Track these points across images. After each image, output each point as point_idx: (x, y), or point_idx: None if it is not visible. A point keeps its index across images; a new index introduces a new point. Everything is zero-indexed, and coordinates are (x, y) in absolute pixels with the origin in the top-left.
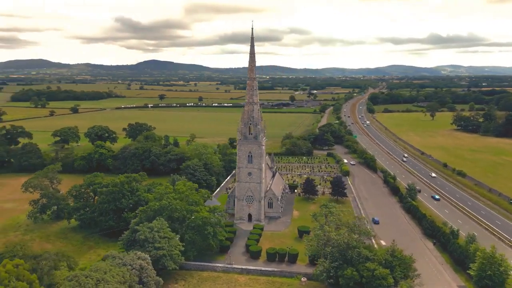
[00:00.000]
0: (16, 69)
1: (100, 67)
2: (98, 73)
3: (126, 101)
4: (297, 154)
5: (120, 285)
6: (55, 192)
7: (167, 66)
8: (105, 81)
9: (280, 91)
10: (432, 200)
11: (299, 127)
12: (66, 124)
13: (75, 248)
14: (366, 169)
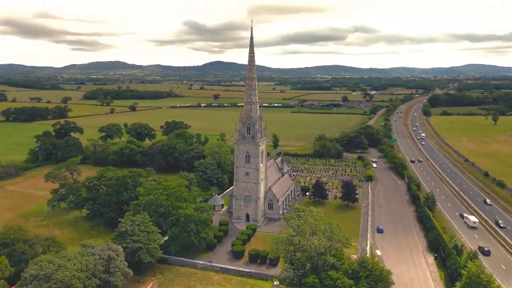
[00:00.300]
0: (96, 70)
1: (169, 68)
2: (167, 74)
3: (183, 100)
4: (325, 157)
5: (79, 273)
6: (72, 183)
7: (230, 67)
8: (172, 81)
9: (337, 91)
10: (454, 210)
11: (340, 128)
12: (122, 121)
13: (80, 235)
14: (393, 175)
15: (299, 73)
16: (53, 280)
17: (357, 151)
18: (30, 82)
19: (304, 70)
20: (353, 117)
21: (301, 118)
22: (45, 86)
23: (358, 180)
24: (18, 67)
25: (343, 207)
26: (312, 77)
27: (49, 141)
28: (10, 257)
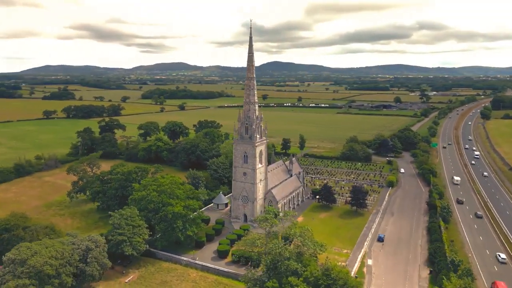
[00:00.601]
0: (161, 71)
1: (228, 69)
2: (226, 75)
3: (233, 100)
4: (353, 160)
5: (52, 260)
6: (89, 176)
7: (288, 67)
8: (229, 81)
9: (394, 92)
10: (473, 220)
11: (382, 130)
12: (169, 119)
13: (87, 226)
14: (420, 182)
15: (359, 73)
16: (27, 265)
17: (389, 155)
18: (99, 82)
19: (364, 70)
20: (400, 119)
21: (343, 119)
22: (112, 86)
23: (378, 185)
24: (92, 68)
25: (350, 213)
26: (372, 77)
27: (88, 136)
28: (9, 242)
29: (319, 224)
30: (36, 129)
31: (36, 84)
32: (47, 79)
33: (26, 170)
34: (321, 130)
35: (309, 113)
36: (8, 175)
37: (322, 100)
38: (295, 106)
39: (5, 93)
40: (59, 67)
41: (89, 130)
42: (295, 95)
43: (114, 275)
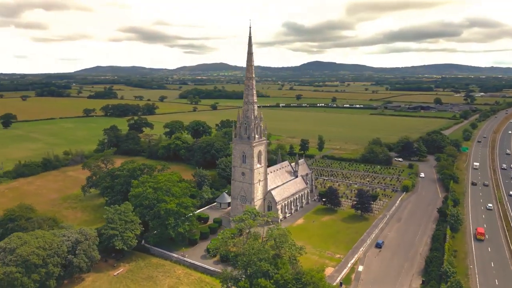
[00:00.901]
0: (202, 72)
1: (267, 69)
2: (265, 75)
3: (267, 100)
4: (372, 162)
5: (39, 250)
6: (102, 172)
7: (329, 67)
8: (268, 82)
9: (438, 92)
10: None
11: (412, 133)
12: (200, 118)
13: (94, 219)
14: (439, 187)
15: (404, 73)
16: (15, 254)
17: (412, 158)
18: (142, 82)
19: (410, 70)
20: (436, 122)
21: (375, 121)
22: (153, 86)
23: (392, 189)
24: (139, 69)
25: (354, 217)
26: (418, 77)
27: (114, 134)
28: (13, 231)
29: (319, 227)
30: (74, 126)
31: (86, 84)
32: (96, 79)
33: (53, 164)
34: (348, 131)
35: (341, 114)
36: (35, 169)
37: (359, 101)
38: (328, 106)
39: (55, 92)
40: (109, 67)
41: (115, 128)
42: (330, 95)
43: (105, 268)
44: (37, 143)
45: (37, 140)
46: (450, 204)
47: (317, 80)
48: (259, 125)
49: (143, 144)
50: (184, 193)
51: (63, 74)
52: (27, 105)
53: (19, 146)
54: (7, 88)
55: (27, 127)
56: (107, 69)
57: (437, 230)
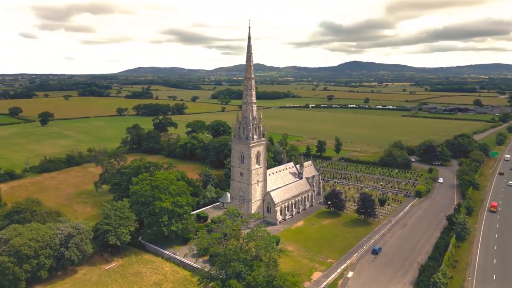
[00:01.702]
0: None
1: (304, 69)
2: (301, 75)
3: (298, 101)
4: (390, 166)
5: (32, 242)
6: (113, 169)
7: (367, 67)
8: (303, 82)
9: (481, 93)
10: (496, 240)
11: (442, 136)
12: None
13: (100, 214)
14: (457, 194)
15: (448, 73)
16: (9, 244)
17: (434, 163)
18: (179, 83)
19: (454, 70)
20: (472, 124)
21: (405, 122)
22: (189, 86)
23: (404, 194)
24: (178, 70)
25: (357, 221)
26: (463, 77)
27: (136, 132)
28: (19, 223)
29: (317, 230)
30: (105, 124)
31: (126, 84)
32: (136, 80)
33: (76, 161)
34: (374, 133)
35: (371, 115)
36: (59, 165)
37: (393, 102)
38: (360, 107)
39: (96, 92)
40: (150, 68)
41: (138, 126)
42: (364, 96)
43: (99, 262)
44: (68, 140)
45: (69, 137)
46: (463, 211)
47: (354, 81)
48: (258, 126)
49: (163, 143)
50: (181, 191)
51: (106, 75)
52: (68, 104)
53: (52, 142)
54: (54, 88)
55: (63, 124)
56: (148, 70)
57: (440, 238)
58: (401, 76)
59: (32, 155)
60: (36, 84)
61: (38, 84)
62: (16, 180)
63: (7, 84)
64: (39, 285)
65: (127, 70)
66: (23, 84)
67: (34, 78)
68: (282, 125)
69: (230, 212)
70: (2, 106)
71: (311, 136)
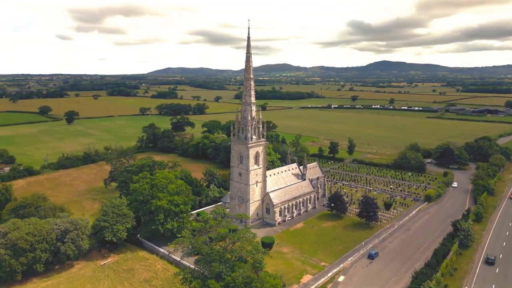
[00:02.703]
0: (266, 72)
1: (331, 69)
2: (328, 75)
3: (321, 101)
4: (404, 169)
5: (28, 236)
6: (121, 167)
7: (398, 66)
8: (330, 82)
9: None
10: (503, 249)
11: (466, 138)
12: None
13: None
14: (469, 199)
15: (484, 73)
16: (6, 238)
17: (451, 166)
18: (205, 83)
19: (490, 70)
20: (501, 127)
21: (428, 124)
22: (214, 86)
23: (413, 198)
24: (206, 70)
25: (358, 225)
26: (499, 77)
27: (152, 132)
28: (24, 217)
29: (316, 233)
30: (127, 123)
31: (154, 84)
32: (165, 80)
33: (92, 158)
34: (393, 135)
35: (394, 116)
36: (75, 162)
37: (420, 103)
38: (384, 108)
39: (123, 92)
40: (178, 69)
41: (153, 126)
42: (391, 97)
43: (96, 257)
44: (89, 138)
45: (90, 136)
46: (471, 217)
47: (383, 81)
48: (257, 126)
49: (177, 142)
50: (180, 190)
51: (137, 75)
52: (96, 104)
53: (74, 140)
54: (85, 88)
55: (87, 123)
56: (177, 70)
57: (442, 245)
58: (433, 77)
59: (54, 152)
60: (69, 84)
61: (71, 84)
62: (33, 176)
63: (42, 84)
64: (36, 278)
65: (157, 71)
66: (57, 84)
67: (68, 78)
68: (299, 126)
69: (216, 212)
70: (34, 105)
71: (327, 137)
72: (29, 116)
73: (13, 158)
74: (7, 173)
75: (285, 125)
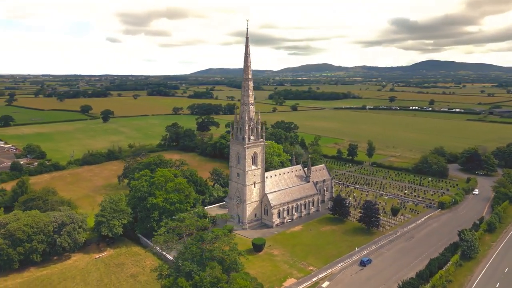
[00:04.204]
0: (305, 73)
1: (374, 69)
2: (371, 75)
3: (357, 101)
4: (424, 173)
5: (26, 227)
6: (133, 164)
7: (446, 66)
8: (371, 82)
9: None
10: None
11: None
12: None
13: None
14: (488, 207)
15: None
16: (5, 228)
17: (477, 172)
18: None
19: None
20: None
21: (466, 127)
22: None
23: (425, 205)
24: None
25: (359, 230)
26: None
27: (174, 131)
28: (32, 209)
29: (312, 236)
30: (159, 122)
31: (194, 85)
32: (205, 80)
33: (115, 155)
34: (422, 138)
35: (431, 118)
36: (99, 158)
37: (463, 104)
38: (423, 110)
39: (162, 92)
40: (219, 69)
41: (176, 125)
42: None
43: (93, 250)
44: (120, 136)
45: (121, 134)
46: (482, 227)
47: (428, 81)
48: (255, 127)
49: (197, 142)
50: (179, 189)
51: (179, 76)
52: (134, 103)
53: (105, 138)
54: (128, 87)
55: (121, 122)
56: (217, 71)
57: (441, 255)
58: (484, 77)
59: (84, 149)
60: (115, 84)
61: (117, 84)
62: (58, 171)
63: (91, 84)
64: (33, 267)
65: (198, 71)
66: (104, 84)
67: (115, 79)
68: (326, 127)
69: (196, 212)
70: (78, 104)
71: (352, 139)
72: (70, 114)
73: (44, 154)
74: (34, 168)
75: (311, 126)
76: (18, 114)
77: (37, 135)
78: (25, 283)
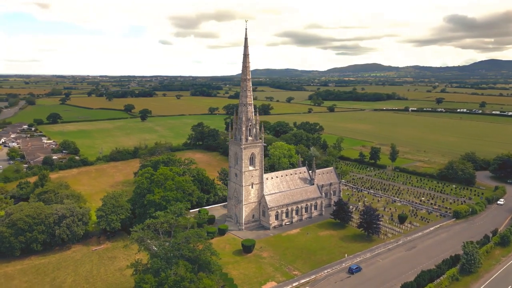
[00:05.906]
0: (353, 73)
1: (427, 69)
2: (424, 75)
3: (402, 103)
4: (450, 180)
5: (28, 218)
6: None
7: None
8: (424, 83)
9: None
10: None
11: None
12: (307, 120)
13: None
14: (510, 219)
15: None
16: (9, 218)
17: (509, 181)
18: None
19: None
20: None
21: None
22: (292, 88)
23: (441, 213)
24: (291, 71)
25: (359, 236)
26: None
27: (199, 130)
28: (44, 201)
29: (307, 241)
30: (193, 122)
31: (237, 85)
32: None
33: (140, 153)
34: (460, 142)
35: (477, 122)
36: (125, 155)
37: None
38: (471, 112)
39: (205, 92)
40: (264, 70)
41: (202, 125)
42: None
43: (93, 243)
44: (153, 134)
45: (154, 132)
46: (494, 240)
47: (487, 82)
48: (253, 127)
49: (220, 141)
50: (178, 187)
51: (225, 77)
52: (176, 103)
53: (139, 136)
54: (175, 88)
55: (157, 121)
56: (263, 72)
57: (437, 267)
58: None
59: (117, 146)
60: (163, 85)
61: (165, 84)
62: (86, 166)
63: (141, 84)
64: (34, 255)
65: None
66: (153, 84)
67: (164, 79)
68: (357, 129)
69: (172, 210)
70: (123, 103)
71: (381, 141)
72: (114, 113)
73: (78, 149)
74: (64, 163)
75: (342, 128)
76: (68, 112)
77: (79, 132)
78: (23, 269)
